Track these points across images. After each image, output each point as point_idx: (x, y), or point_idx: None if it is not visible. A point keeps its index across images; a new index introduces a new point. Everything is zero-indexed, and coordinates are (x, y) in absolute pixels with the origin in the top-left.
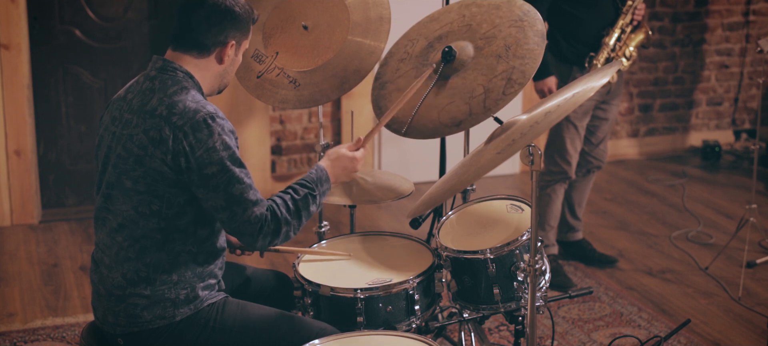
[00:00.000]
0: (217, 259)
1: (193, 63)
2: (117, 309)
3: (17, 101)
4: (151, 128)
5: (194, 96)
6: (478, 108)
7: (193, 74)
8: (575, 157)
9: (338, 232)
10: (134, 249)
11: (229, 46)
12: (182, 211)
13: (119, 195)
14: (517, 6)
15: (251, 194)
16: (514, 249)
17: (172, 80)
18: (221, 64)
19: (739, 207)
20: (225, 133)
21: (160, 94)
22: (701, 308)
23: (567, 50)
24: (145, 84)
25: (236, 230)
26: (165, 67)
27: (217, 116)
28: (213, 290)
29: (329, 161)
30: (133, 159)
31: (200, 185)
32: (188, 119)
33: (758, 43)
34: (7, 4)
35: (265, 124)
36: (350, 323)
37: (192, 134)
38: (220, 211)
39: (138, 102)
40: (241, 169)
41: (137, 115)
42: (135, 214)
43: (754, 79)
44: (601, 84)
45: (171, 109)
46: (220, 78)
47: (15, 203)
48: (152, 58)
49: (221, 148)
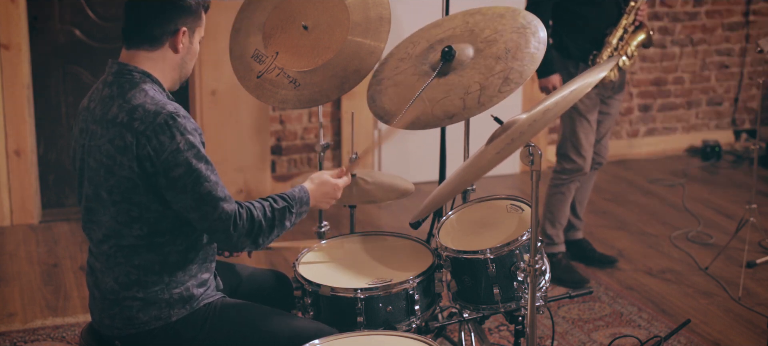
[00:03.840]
0: (207, 254)
1: (148, 59)
2: (113, 312)
3: (17, 101)
4: (114, 137)
5: (153, 97)
6: (472, 103)
7: (150, 72)
8: (590, 151)
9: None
10: (122, 254)
11: (181, 33)
12: (162, 214)
13: (98, 207)
14: (521, 16)
15: (219, 191)
16: (514, 249)
17: (129, 83)
18: (177, 54)
19: (739, 207)
20: (188, 132)
21: (118, 100)
22: (701, 308)
23: (572, 47)
24: (105, 91)
25: (209, 229)
26: (121, 71)
27: (178, 116)
28: (208, 288)
29: (313, 185)
30: (104, 170)
31: (168, 188)
32: (149, 123)
33: (758, 43)
34: (7, 4)
35: (265, 124)
36: (350, 323)
37: (155, 137)
38: (191, 211)
39: (100, 111)
40: (208, 166)
41: (100, 125)
42: (116, 224)
43: (754, 79)
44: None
45: (131, 114)
46: (179, 69)
47: (15, 203)
48: (108, 62)
49: (185, 148)
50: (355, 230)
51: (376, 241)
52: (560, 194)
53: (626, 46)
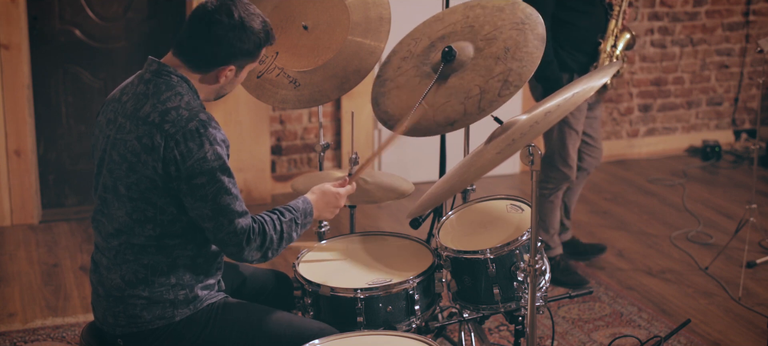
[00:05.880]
0: (215, 261)
1: (189, 73)
2: (116, 310)
3: (17, 101)
4: (143, 135)
5: (188, 102)
6: (473, 108)
7: (189, 79)
8: (576, 161)
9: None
10: (132, 252)
11: (228, 69)
12: (176, 218)
13: (114, 200)
14: (520, 9)
15: (238, 206)
16: (514, 249)
17: (166, 85)
18: (216, 84)
19: (739, 207)
20: (216, 143)
21: (153, 99)
22: (701, 308)
23: (569, 60)
24: (139, 87)
25: (221, 241)
26: (160, 71)
27: (209, 125)
28: (212, 290)
29: (314, 196)
30: (127, 165)
31: (188, 194)
32: (180, 127)
33: (758, 43)
34: (7, 4)
35: (265, 124)
36: (350, 323)
37: (183, 143)
38: (206, 220)
39: (131, 106)
40: (230, 180)
41: (130, 120)
42: (130, 220)
43: (754, 79)
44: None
45: (164, 116)
46: (215, 92)
47: (15, 203)
48: (148, 60)
49: (212, 158)
50: (355, 230)
51: (376, 241)
52: (549, 203)
53: (614, 51)
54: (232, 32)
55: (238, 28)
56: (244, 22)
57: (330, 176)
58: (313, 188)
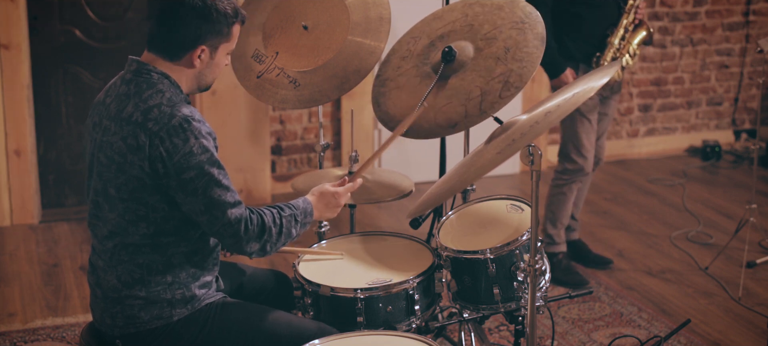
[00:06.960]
0: (210, 256)
1: (166, 65)
2: (114, 311)
3: (17, 101)
4: (128, 136)
5: (170, 99)
6: (474, 110)
7: (169, 74)
8: (591, 152)
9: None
10: (127, 252)
11: (199, 50)
12: (169, 215)
13: (106, 202)
14: (520, 7)
15: (229, 196)
16: (514, 249)
17: (146, 83)
18: (192, 69)
19: (739, 207)
20: (202, 136)
21: (135, 99)
22: (701, 308)
23: (574, 49)
24: (121, 88)
25: (218, 233)
26: (140, 70)
27: (193, 119)
28: (210, 289)
29: (313, 196)
30: (115, 167)
31: (179, 190)
32: (163, 124)
33: (758, 43)
34: (7, 4)
35: (265, 124)
36: (350, 323)
37: (168, 139)
38: (200, 215)
39: (115, 107)
40: (220, 171)
41: (114, 122)
42: (122, 221)
43: (754, 79)
44: (601, 83)
45: (146, 114)
46: (196, 79)
47: (15, 203)
48: (128, 60)
49: (199, 151)
50: (355, 230)
51: (376, 241)
52: (562, 195)
53: (628, 46)
54: (195, 11)
55: (200, 7)
56: (207, 1)
57: (330, 175)
58: (312, 190)
